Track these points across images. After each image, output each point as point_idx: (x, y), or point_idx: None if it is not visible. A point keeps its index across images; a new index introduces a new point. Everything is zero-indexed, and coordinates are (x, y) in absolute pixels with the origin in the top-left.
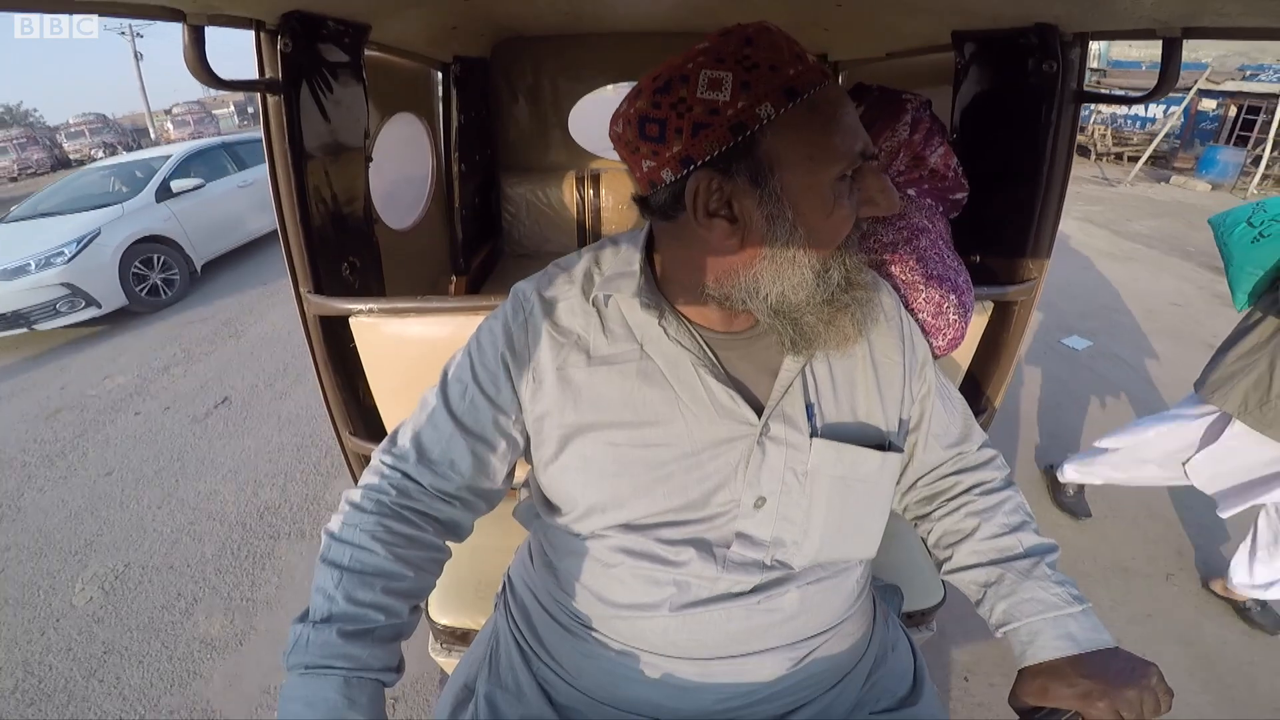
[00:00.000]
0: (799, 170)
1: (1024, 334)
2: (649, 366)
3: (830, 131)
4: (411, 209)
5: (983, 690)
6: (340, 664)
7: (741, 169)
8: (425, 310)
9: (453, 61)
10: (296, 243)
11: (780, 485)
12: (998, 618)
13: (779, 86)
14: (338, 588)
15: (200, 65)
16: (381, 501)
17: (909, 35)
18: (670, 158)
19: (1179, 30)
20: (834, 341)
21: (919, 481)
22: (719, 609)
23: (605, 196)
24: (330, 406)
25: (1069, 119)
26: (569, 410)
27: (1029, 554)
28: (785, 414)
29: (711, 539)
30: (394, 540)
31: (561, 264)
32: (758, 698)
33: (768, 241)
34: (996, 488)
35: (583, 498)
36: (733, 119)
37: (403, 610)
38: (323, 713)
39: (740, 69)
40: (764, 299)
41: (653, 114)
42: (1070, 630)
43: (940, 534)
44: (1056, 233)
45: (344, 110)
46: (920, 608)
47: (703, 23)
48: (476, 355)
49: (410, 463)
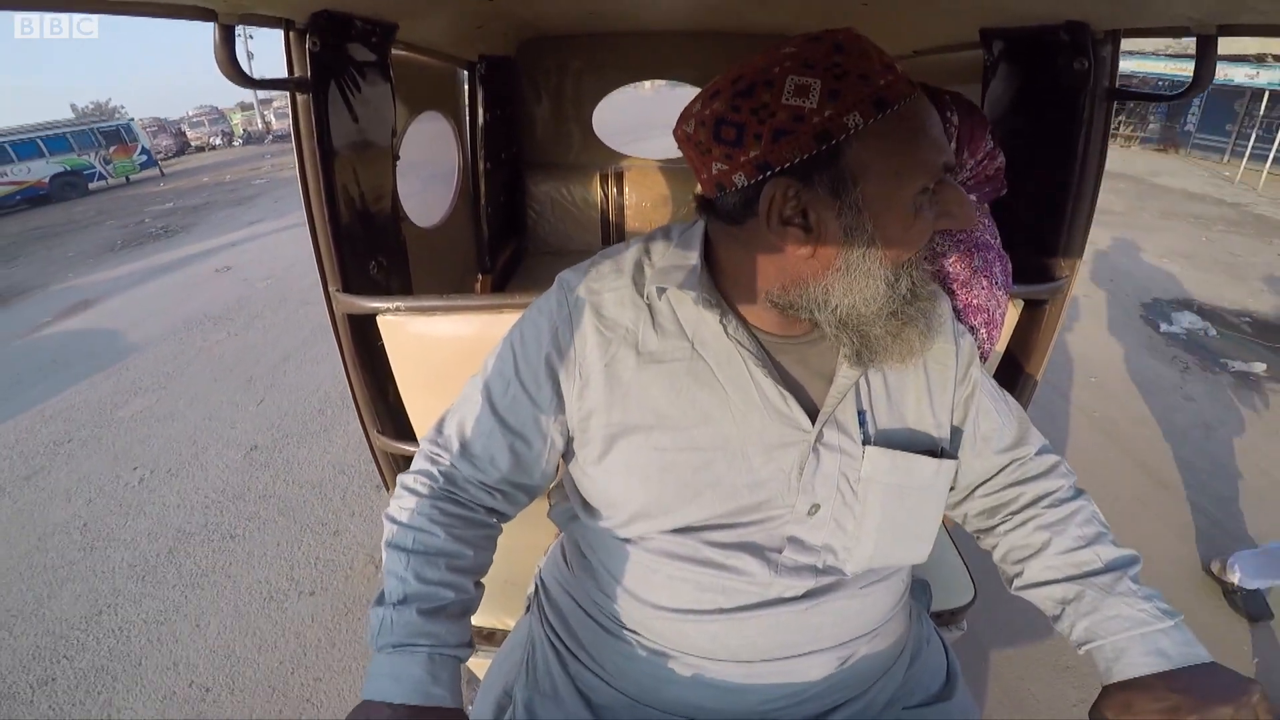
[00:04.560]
0: (884, 183)
1: (1055, 334)
2: (699, 365)
3: (917, 145)
4: (438, 207)
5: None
6: (423, 641)
7: (823, 179)
8: (451, 309)
9: (478, 60)
10: (325, 241)
11: (835, 492)
12: (1079, 635)
13: (869, 96)
14: (407, 569)
15: (230, 64)
16: (433, 487)
17: (936, 33)
18: (746, 162)
19: (1214, 28)
20: (899, 354)
21: (976, 491)
22: (769, 614)
23: (629, 194)
24: (359, 405)
25: (1101, 117)
26: (616, 409)
27: (1109, 568)
28: (838, 421)
29: (762, 543)
30: (450, 521)
31: (609, 253)
32: (802, 698)
33: (843, 254)
34: (1065, 497)
35: (627, 502)
36: (818, 127)
37: (468, 585)
38: (409, 686)
39: (829, 76)
40: (833, 310)
41: (730, 116)
42: (1161, 645)
43: (1007, 549)
44: (1089, 231)
45: (371, 109)
46: (950, 607)
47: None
48: (520, 350)
49: (453, 453)
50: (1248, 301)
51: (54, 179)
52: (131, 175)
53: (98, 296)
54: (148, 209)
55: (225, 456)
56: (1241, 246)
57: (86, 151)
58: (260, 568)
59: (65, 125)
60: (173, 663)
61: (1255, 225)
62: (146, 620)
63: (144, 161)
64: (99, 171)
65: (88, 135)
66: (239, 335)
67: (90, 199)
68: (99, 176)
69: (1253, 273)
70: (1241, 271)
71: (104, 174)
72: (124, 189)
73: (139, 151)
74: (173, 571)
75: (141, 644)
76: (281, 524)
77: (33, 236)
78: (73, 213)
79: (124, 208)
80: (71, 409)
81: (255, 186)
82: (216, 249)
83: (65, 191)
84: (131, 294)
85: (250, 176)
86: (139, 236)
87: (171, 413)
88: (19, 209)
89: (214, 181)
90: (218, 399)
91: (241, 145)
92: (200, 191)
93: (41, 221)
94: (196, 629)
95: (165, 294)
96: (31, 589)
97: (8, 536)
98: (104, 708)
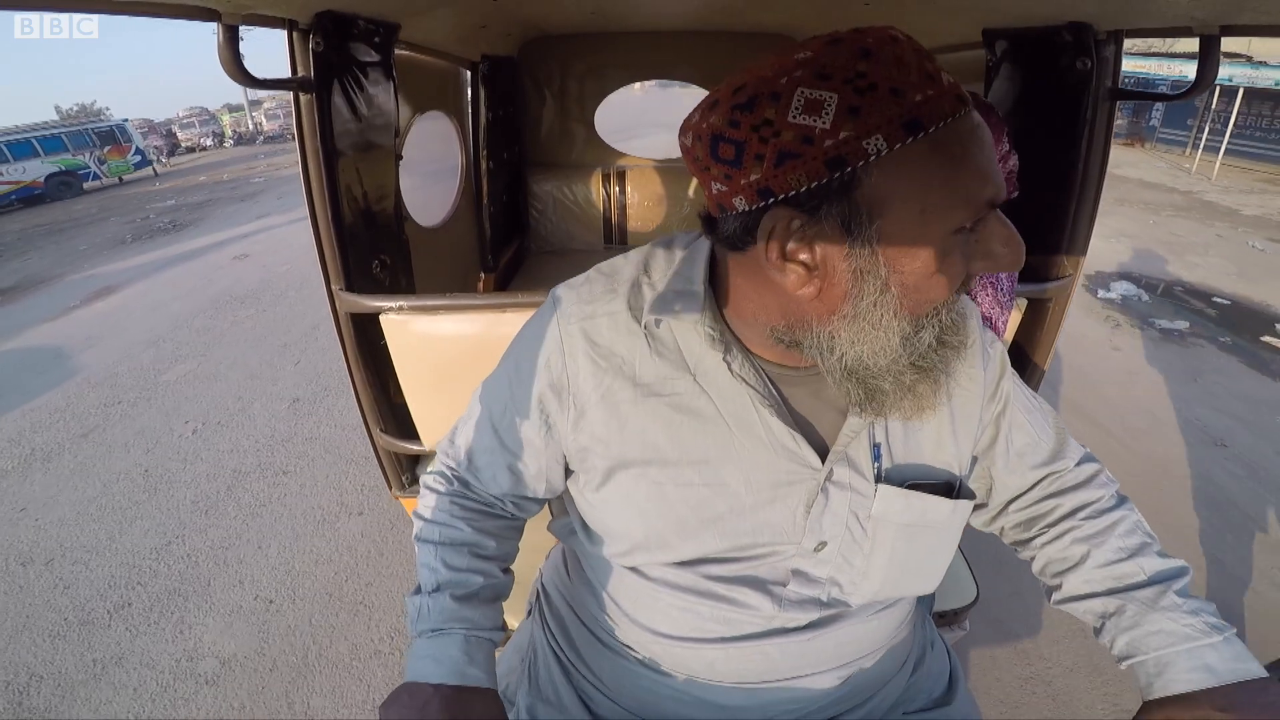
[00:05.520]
0: (907, 222)
1: (1058, 332)
2: (702, 401)
3: (956, 177)
4: (441, 206)
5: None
6: (459, 626)
7: (832, 212)
8: (454, 308)
9: (481, 60)
10: (328, 240)
11: (844, 530)
12: (1120, 650)
13: (898, 116)
14: (437, 559)
15: (234, 64)
16: (451, 487)
17: (939, 33)
18: (745, 185)
19: (1217, 28)
20: (909, 410)
21: (1010, 506)
22: (773, 643)
23: (631, 193)
24: (361, 404)
25: (1104, 117)
26: (614, 442)
27: (1153, 581)
28: (850, 457)
29: (765, 576)
30: (470, 515)
31: (605, 270)
32: (804, 712)
33: (851, 299)
34: (1107, 507)
35: (625, 534)
36: (830, 151)
37: (495, 571)
38: (448, 667)
39: (850, 90)
40: (839, 359)
41: (729, 133)
42: (1208, 661)
43: (1045, 562)
44: (1092, 230)
45: (374, 109)
46: (952, 607)
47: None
48: (514, 376)
49: (462, 465)
50: (1181, 274)
51: (49, 178)
52: (125, 175)
53: (120, 283)
54: (149, 206)
55: (270, 408)
56: (1184, 228)
57: (81, 151)
58: (312, 496)
59: (60, 126)
60: (239, 580)
61: (1201, 210)
62: (212, 547)
63: (138, 162)
64: (93, 171)
65: (82, 136)
66: (268, 311)
67: (86, 198)
68: (93, 176)
69: (1190, 251)
70: (1180, 249)
71: (98, 174)
72: (118, 189)
73: (133, 152)
74: (233, 505)
75: (209, 567)
76: (329, 459)
77: (38, 233)
78: (72, 211)
79: (124, 206)
80: (116, 376)
81: (255, 185)
82: (229, 240)
83: (60, 191)
84: (154, 280)
85: (248, 175)
86: (148, 231)
87: (214, 374)
88: (14, 209)
89: (212, 181)
90: (257, 362)
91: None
92: (199, 190)
93: (43, 219)
94: (259, 550)
95: (187, 279)
96: (103, 527)
97: (74, 484)
98: (177, 625)
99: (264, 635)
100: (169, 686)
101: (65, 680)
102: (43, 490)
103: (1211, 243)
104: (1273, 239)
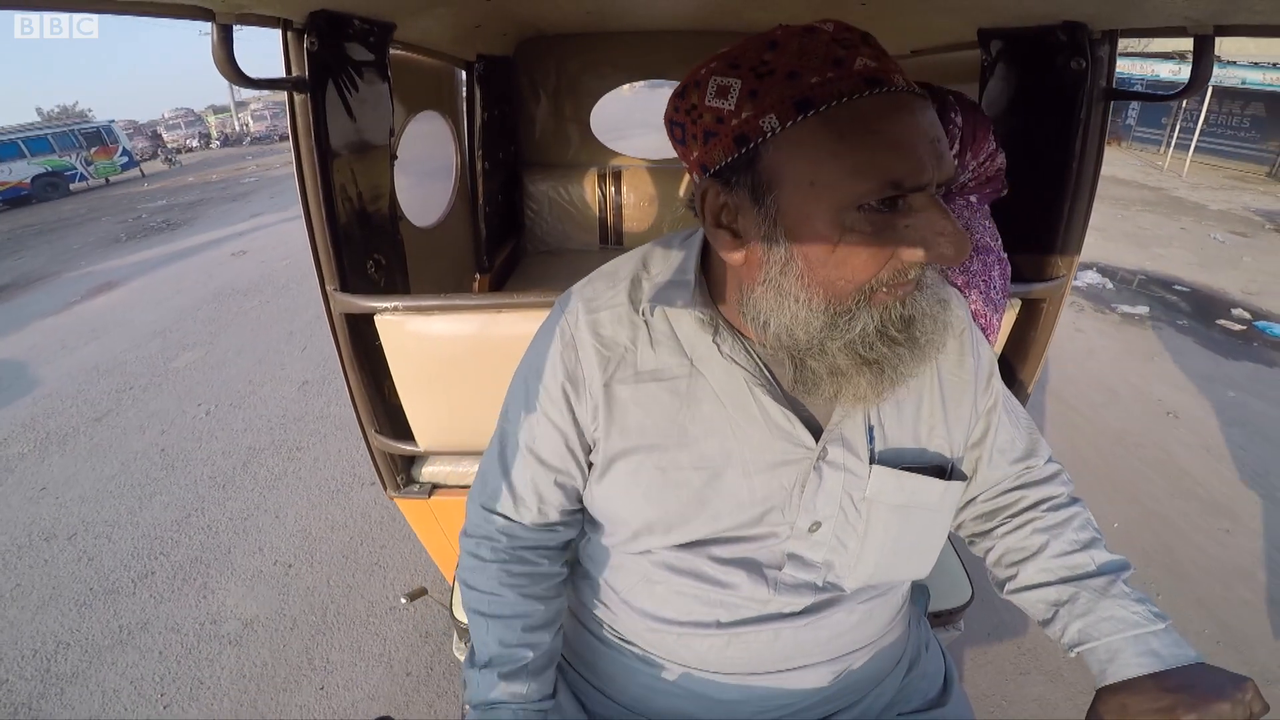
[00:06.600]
0: (800, 193)
1: (1053, 332)
2: (699, 384)
3: (846, 152)
4: (436, 207)
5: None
6: (507, 701)
7: (743, 182)
8: (449, 308)
9: (476, 60)
10: (323, 240)
11: (837, 510)
12: (1071, 637)
13: (790, 97)
14: (488, 634)
15: (229, 64)
16: (496, 549)
17: (934, 32)
18: (693, 162)
19: (1211, 28)
20: (843, 396)
21: (978, 497)
22: (768, 628)
23: (627, 193)
24: (356, 405)
25: (1099, 117)
26: (615, 430)
27: (1102, 571)
28: (844, 437)
29: (762, 560)
30: (517, 583)
31: (607, 270)
32: (797, 708)
33: (763, 265)
34: (1063, 503)
35: (629, 520)
36: (736, 130)
37: (545, 640)
38: None
39: (752, 76)
40: (764, 326)
41: (674, 118)
42: (1153, 647)
43: (1003, 551)
44: (1086, 230)
45: (369, 108)
46: (948, 607)
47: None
48: (534, 384)
49: (507, 505)
50: (1145, 264)
51: (36, 179)
52: (112, 176)
53: (120, 279)
54: (141, 206)
55: (281, 391)
56: (1151, 223)
57: (68, 153)
58: (326, 469)
59: (46, 127)
60: (258, 548)
61: (1169, 206)
62: (231, 518)
63: (125, 163)
64: (80, 172)
65: (69, 137)
66: (271, 302)
67: (74, 199)
68: (80, 177)
69: (1155, 243)
70: (1145, 242)
71: (85, 175)
72: (106, 189)
73: (119, 153)
74: (249, 479)
75: (229, 536)
76: (340, 436)
77: (29, 233)
78: (61, 211)
79: (115, 206)
80: (124, 365)
81: (245, 185)
82: (225, 238)
83: (47, 192)
84: (153, 276)
85: (237, 176)
86: (141, 230)
87: (223, 360)
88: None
89: (201, 181)
90: (264, 348)
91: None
92: (189, 190)
93: (31, 220)
94: (276, 519)
95: (187, 274)
96: (124, 502)
97: (92, 464)
98: (200, 590)
99: (284, 596)
100: (193, 648)
101: (92, 646)
102: (61, 470)
103: (1175, 235)
104: (1234, 232)
